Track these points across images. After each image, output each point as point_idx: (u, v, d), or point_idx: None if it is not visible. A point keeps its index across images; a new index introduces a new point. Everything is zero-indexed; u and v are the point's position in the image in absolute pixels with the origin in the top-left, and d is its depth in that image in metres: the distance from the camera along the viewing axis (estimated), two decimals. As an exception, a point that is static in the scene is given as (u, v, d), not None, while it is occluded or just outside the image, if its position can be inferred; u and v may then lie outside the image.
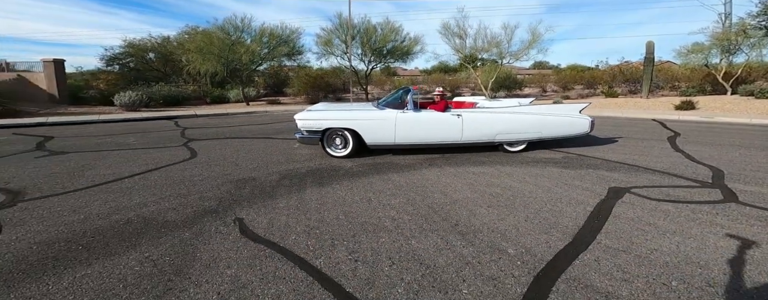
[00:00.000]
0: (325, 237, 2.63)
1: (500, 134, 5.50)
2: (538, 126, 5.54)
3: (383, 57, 17.96)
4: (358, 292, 1.95)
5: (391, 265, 2.25)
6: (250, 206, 3.27)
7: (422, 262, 2.27)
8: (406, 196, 3.54)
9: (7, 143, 6.42)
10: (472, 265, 2.25)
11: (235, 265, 2.23)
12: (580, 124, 5.62)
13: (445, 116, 5.39)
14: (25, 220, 2.76)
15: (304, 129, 5.34)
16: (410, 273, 2.15)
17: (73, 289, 1.89)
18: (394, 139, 5.34)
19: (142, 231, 2.67)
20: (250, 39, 15.77)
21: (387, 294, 1.93)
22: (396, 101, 5.70)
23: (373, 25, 17.28)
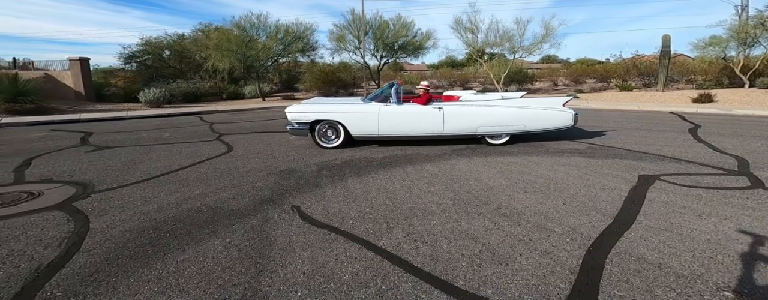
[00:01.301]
0: (380, 221, 2.84)
1: (482, 127, 5.56)
2: (520, 119, 5.57)
3: (394, 52, 18.00)
4: (426, 267, 2.15)
5: (449, 243, 2.46)
6: (300, 195, 3.48)
7: (477, 240, 2.48)
8: (443, 184, 3.74)
9: (49, 139, 6.69)
10: (524, 242, 2.45)
11: (309, 247, 2.43)
12: (563, 117, 5.62)
13: (427, 109, 5.51)
14: (106, 210, 2.98)
15: (294, 121, 5.60)
16: (468, 249, 2.36)
17: (179, 272, 2.08)
18: (378, 131, 5.52)
19: (213, 219, 2.88)
20: (266, 35, 15.95)
21: (452, 267, 2.14)
22: (382, 95, 5.84)
23: (386, 21, 17.34)
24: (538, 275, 2.04)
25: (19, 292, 1.76)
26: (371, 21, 17.26)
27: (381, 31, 16.99)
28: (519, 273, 2.07)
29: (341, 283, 1.99)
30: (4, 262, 2.06)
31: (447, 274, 2.06)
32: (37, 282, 1.87)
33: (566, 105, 5.77)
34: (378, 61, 18.40)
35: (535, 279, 2.00)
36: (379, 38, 17.11)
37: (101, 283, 1.91)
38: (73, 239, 2.40)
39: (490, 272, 2.08)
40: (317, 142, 5.61)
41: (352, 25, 17.24)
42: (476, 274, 2.06)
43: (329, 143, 5.60)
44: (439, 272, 2.09)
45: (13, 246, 2.26)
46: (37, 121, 8.85)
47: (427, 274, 2.07)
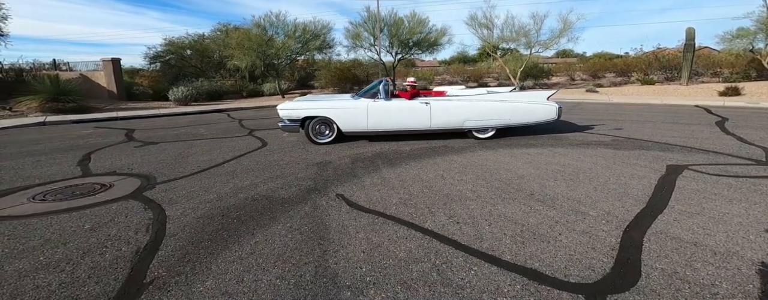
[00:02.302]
0: (421, 206, 3.04)
1: (468, 121, 5.66)
2: (505, 113, 5.65)
3: (409, 49, 17.96)
4: (473, 244, 2.36)
5: (490, 224, 2.65)
6: (341, 184, 3.69)
7: (516, 222, 2.66)
8: (474, 173, 3.91)
9: (97, 136, 7.06)
10: (561, 223, 2.62)
11: (362, 230, 2.64)
12: (546, 110, 5.71)
13: (414, 104, 5.61)
14: (174, 200, 3.22)
15: (286, 118, 5.70)
16: (510, 229, 2.55)
17: (257, 253, 2.29)
18: (367, 127, 5.62)
19: (270, 207, 3.09)
20: (284, 34, 16.19)
21: (497, 245, 2.34)
22: (371, 92, 5.87)
23: (401, 18, 17.25)
24: (579, 251, 2.23)
25: (130, 273, 1.99)
26: (386, 18, 17.24)
27: (396, 28, 16.95)
28: (561, 249, 2.26)
29: (398, 260, 2.20)
30: (106, 246, 2.30)
31: (494, 251, 2.28)
32: (142, 263, 2.11)
33: (551, 99, 5.86)
34: (393, 58, 18.42)
35: (577, 254, 2.20)
36: (394, 35, 17.08)
37: (195, 263, 2.14)
38: (157, 225, 2.64)
39: (534, 248, 2.28)
40: (310, 138, 5.70)
41: (367, 23, 17.26)
42: (521, 250, 2.27)
43: (322, 139, 5.70)
44: (486, 249, 2.31)
45: (108, 231, 2.51)
46: (81, 119, 9.30)
47: (475, 251, 2.29)
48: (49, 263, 2.05)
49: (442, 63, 35.12)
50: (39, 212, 2.87)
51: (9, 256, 2.12)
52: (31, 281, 1.85)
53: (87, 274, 1.94)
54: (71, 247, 2.26)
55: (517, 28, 16.37)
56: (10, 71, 13.86)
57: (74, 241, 2.34)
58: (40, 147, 5.78)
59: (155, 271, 2.03)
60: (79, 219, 2.72)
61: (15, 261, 2.06)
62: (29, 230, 2.50)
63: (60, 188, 3.51)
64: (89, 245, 2.30)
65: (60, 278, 1.89)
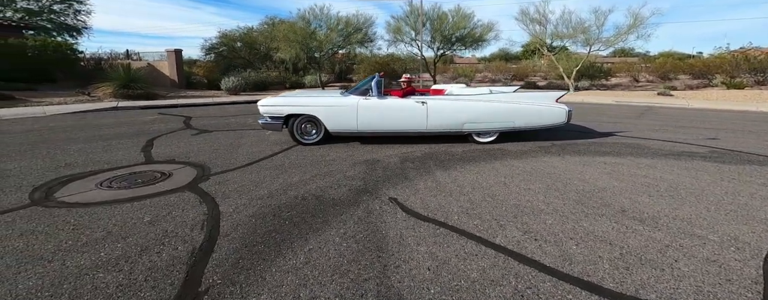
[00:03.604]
0: (487, 218, 2.66)
1: (468, 123, 5.08)
2: (509, 115, 5.05)
3: (452, 44, 17.10)
4: (561, 267, 1.95)
5: (577, 244, 2.22)
6: (393, 187, 3.37)
7: (611, 243, 2.21)
8: (543, 182, 3.43)
9: (160, 122, 7.32)
10: (673, 247, 2.14)
11: (423, 242, 2.31)
12: (555, 113, 5.12)
13: (409, 103, 4.99)
14: (227, 194, 3.08)
15: (267, 114, 5.11)
16: (605, 251, 2.11)
17: (311, 264, 2.05)
18: (357, 127, 5.01)
19: (321, 208, 2.85)
20: (327, 27, 16.13)
21: (593, 269, 1.91)
22: (362, 88, 5.29)
23: (445, 12, 16.44)
24: (710, 283, 1.79)
25: (185, 278, 1.82)
26: (429, 12, 16.49)
27: (440, 23, 16.15)
28: (683, 279, 1.82)
29: (472, 281, 1.87)
30: (163, 244, 2.17)
31: (590, 276, 1.88)
32: (197, 267, 1.93)
33: (560, 100, 5.25)
34: (434, 53, 17.68)
35: (707, 286, 1.76)
36: (437, 30, 16.31)
37: (249, 271, 1.93)
38: (211, 223, 2.48)
39: (645, 276, 1.86)
40: (295, 138, 5.11)
41: (409, 17, 16.64)
42: (627, 278, 1.85)
43: (308, 139, 5.13)
44: (579, 273, 1.90)
45: (165, 227, 2.39)
46: (147, 106, 9.85)
47: (565, 275, 1.90)
48: (108, 260, 1.93)
49: (481, 60, 33.32)
50: (105, 200, 2.83)
51: (72, 250, 2.03)
52: (90, 281, 1.73)
53: (144, 277, 1.80)
54: (130, 243, 2.15)
55: (575, 24, 14.87)
56: (90, 60, 15.11)
57: (133, 236, 2.23)
58: (111, 131, 6.08)
59: (210, 278, 1.85)
60: (140, 210, 2.64)
61: (77, 255, 1.97)
62: (94, 220, 2.44)
63: (125, 175, 3.51)
64: (147, 241, 2.18)
65: (118, 279, 1.76)
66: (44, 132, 5.80)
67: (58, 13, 18.80)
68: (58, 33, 18.58)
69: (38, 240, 2.12)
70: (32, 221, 2.39)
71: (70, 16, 19.17)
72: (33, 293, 1.63)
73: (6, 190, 2.99)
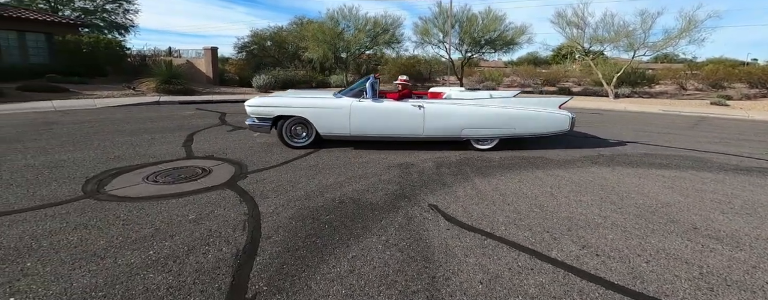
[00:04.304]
0: (538, 230, 2.48)
1: (467, 129, 4.79)
2: (510, 121, 4.78)
3: (481, 47, 16.56)
4: (632, 285, 1.78)
5: (647, 262, 2.02)
6: (431, 193, 3.21)
7: (688, 262, 2.00)
8: (595, 194, 3.17)
9: (198, 117, 7.52)
10: (762, 269, 1.90)
11: (471, 253, 2.17)
12: (558, 120, 4.85)
13: (405, 107, 4.69)
14: (265, 194, 3.04)
15: (254, 115, 4.78)
16: (681, 271, 1.91)
17: (356, 272, 1.95)
18: (349, 130, 4.72)
19: (359, 213, 2.74)
20: (355, 27, 16.14)
21: (671, 289, 1.73)
22: (356, 90, 5.00)
23: (474, 14, 15.92)
24: None
25: (232, 282, 1.76)
26: (458, 14, 16.03)
27: (469, 25, 15.64)
28: None
29: (531, 297, 1.71)
30: (208, 244, 2.12)
31: (668, 296, 1.70)
32: (242, 271, 1.87)
33: (563, 107, 4.98)
34: (462, 55, 17.23)
35: None
36: (467, 32, 15.81)
37: (294, 279, 1.84)
38: (252, 223, 2.43)
39: (735, 299, 1.68)
40: (284, 141, 4.78)
41: (437, 19, 16.28)
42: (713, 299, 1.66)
43: (298, 142, 4.81)
44: (655, 292, 1.73)
45: (209, 226, 2.35)
46: (185, 101, 10.21)
47: (638, 294, 1.73)
48: (157, 260, 1.90)
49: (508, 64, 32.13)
50: (151, 195, 2.85)
51: (122, 247, 2.02)
52: (142, 281, 1.69)
53: (192, 279, 1.74)
54: (177, 242, 2.11)
55: (618, 28, 13.85)
56: (136, 57, 15.93)
57: (180, 235, 2.20)
58: (154, 125, 6.29)
59: (256, 284, 1.77)
60: (184, 207, 2.63)
61: (127, 253, 1.95)
62: (142, 216, 2.44)
63: (169, 170, 3.55)
64: (193, 241, 2.14)
65: (167, 280, 1.71)
66: (95, 124, 6.09)
67: (110, 12, 19.96)
68: (108, 31, 19.74)
69: (91, 235, 2.13)
70: (85, 214, 2.42)
71: (119, 15, 20.32)
72: (87, 292, 1.60)
73: (60, 181, 3.09)
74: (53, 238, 2.06)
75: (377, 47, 17.37)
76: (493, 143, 4.96)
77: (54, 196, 2.72)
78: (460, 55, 17.30)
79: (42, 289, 1.60)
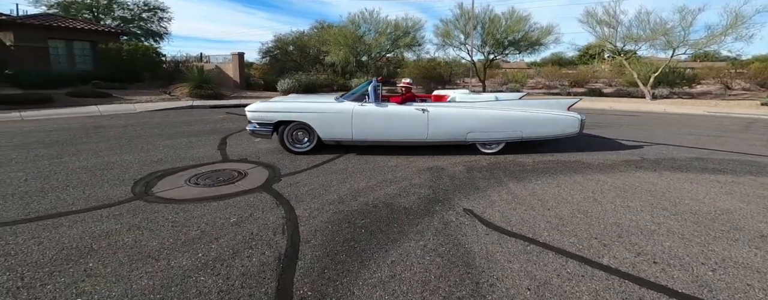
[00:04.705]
0: (584, 236, 2.38)
1: (472, 133, 4.66)
2: (516, 124, 4.64)
3: (504, 48, 16.14)
4: (700, 294, 1.69)
5: (713, 270, 1.90)
6: (465, 197, 3.14)
7: (759, 271, 1.91)
8: (644, 200, 3.01)
9: (228, 121, 7.80)
10: None
11: (515, 259, 2.10)
12: (567, 122, 4.70)
13: (409, 110, 4.57)
14: (300, 197, 3.08)
15: (255, 120, 4.73)
16: (754, 280, 1.80)
17: (397, 278, 1.93)
18: (351, 135, 4.62)
19: (394, 217, 2.71)
20: (375, 31, 16.24)
21: (744, 297, 1.64)
22: (358, 94, 4.88)
23: (497, 15, 15.56)
24: None
25: (277, 287, 1.78)
26: (480, 15, 15.72)
27: (492, 26, 15.28)
28: None
29: None
30: (251, 247, 2.17)
31: None
32: (286, 275, 1.89)
33: (571, 108, 4.84)
34: (484, 57, 16.86)
35: None
36: (489, 33, 15.46)
37: (337, 284, 1.84)
38: (291, 227, 2.46)
39: None
40: (285, 146, 4.70)
41: (458, 20, 16.03)
42: None
43: (300, 147, 4.73)
44: None
45: (250, 228, 2.41)
46: (216, 105, 10.62)
47: None
48: (206, 262, 1.96)
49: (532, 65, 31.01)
50: (195, 197, 2.96)
51: (173, 249, 2.10)
52: (194, 284, 1.74)
53: (240, 283, 1.78)
54: (223, 244, 2.17)
55: (654, 25, 13.06)
56: (170, 63, 16.84)
57: (224, 237, 2.26)
58: (190, 129, 6.57)
59: (300, 289, 1.78)
60: (225, 209, 2.71)
61: (179, 254, 2.03)
62: (188, 218, 2.53)
63: (207, 172, 3.68)
64: (237, 244, 2.19)
65: (217, 284, 1.76)
66: (137, 127, 6.45)
67: (146, 20, 21.15)
68: (145, 38, 20.91)
69: (144, 236, 2.23)
70: (136, 216, 2.55)
71: (154, 23, 21.48)
72: (146, 294, 1.67)
73: (112, 183, 3.28)
74: (110, 239, 2.17)
75: (398, 50, 17.36)
76: (499, 147, 4.86)
77: (107, 198, 2.89)
78: (482, 56, 16.94)
79: (105, 291, 1.68)
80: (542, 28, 15.86)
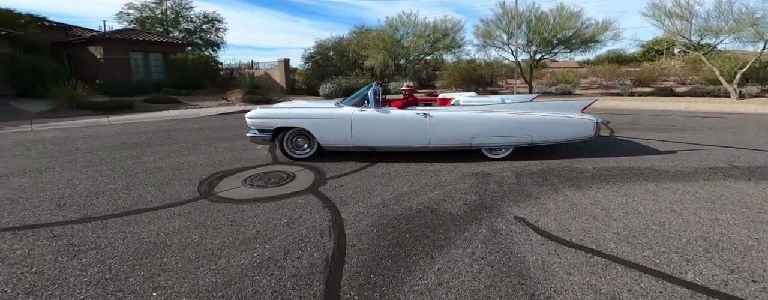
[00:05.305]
0: (661, 249, 2.14)
1: (477, 137, 4.45)
2: (525, 128, 4.42)
3: (553, 47, 14.91)
4: None
5: None
6: (516, 204, 2.97)
7: None
8: (737, 213, 2.65)
9: None
10: None
11: (576, 272, 1.95)
12: (581, 125, 4.43)
13: (410, 115, 4.42)
14: (345, 200, 3.15)
15: (255, 127, 4.66)
16: None
17: (445, 286, 1.88)
18: (351, 141, 4.49)
19: (440, 223, 2.66)
20: (413, 34, 16.14)
21: None
22: (358, 98, 4.72)
23: (544, 12, 14.43)
24: None
25: (325, 290, 1.83)
26: (524, 13, 14.66)
27: (539, 24, 14.19)
28: None
29: None
30: (301, 249, 2.27)
31: None
32: (333, 278, 1.94)
33: (586, 110, 4.58)
34: (531, 57, 15.75)
35: None
36: (536, 32, 14.37)
37: (383, 289, 1.84)
38: (337, 230, 2.53)
39: None
40: (285, 152, 4.65)
41: (501, 20, 15.15)
42: None
43: (300, 154, 4.67)
44: None
45: (300, 230, 2.52)
46: (265, 109, 11.53)
47: None
48: (261, 262, 2.09)
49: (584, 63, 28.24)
50: (250, 198, 3.18)
51: (233, 247, 2.26)
52: (250, 283, 1.86)
53: (291, 284, 1.87)
54: (275, 245, 2.30)
55: (738, 15, 11.15)
56: (226, 70, 18.44)
57: (277, 238, 2.39)
58: (245, 132, 7.11)
59: (347, 293, 1.81)
60: (277, 210, 2.86)
61: (237, 253, 2.18)
62: (245, 217, 2.72)
63: (260, 174, 3.93)
64: (288, 245, 2.31)
65: (271, 284, 1.86)
66: (201, 131, 7.13)
67: (206, 32, 23.34)
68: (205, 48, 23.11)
69: (208, 234, 2.45)
70: (202, 214, 2.80)
71: (212, 34, 23.62)
72: (209, 291, 1.82)
73: (182, 182, 3.65)
74: (181, 236, 2.42)
75: (437, 52, 17.04)
76: (507, 152, 4.64)
77: (178, 196, 3.22)
78: (527, 56, 15.86)
79: (177, 285, 1.86)
80: (597, 24, 14.36)
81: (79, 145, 5.55)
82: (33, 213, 2.82)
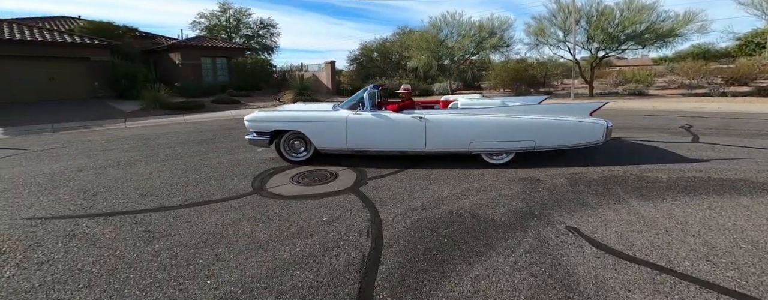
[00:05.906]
0: (751, 271, 1.88)
1: (476, 142, 4.27)
2: (527, 132, 4.20)
3: (620, 43, 13.16)
4: None
5: None
6: (569, 214, 2.73)
7: None
8: None
9: None
10: None
11: (636, 289, 1.77)
12: (589, 129, 4.16)
13: (405, 119, 4.32)
14: (385, 201, 3.19)
15: (253, 130, 4.72)
16: None
17: (481, 294, 1.83)
18: (346, 145, 4.47)
19: (481, 229, 2.56)
20: (458, 34, 15.65)
21: None
22: (355, 101, 4.69)
23: (609, 6, 12.80)
24: None
25: (359, 289, 1.89)
26: (584, 8, 13.15)
27: (602, 19, 12.63)
28: None
29: None
30: (339, 247, 2.36)
31: None
32: (368, 278, 1.99)
33: (595, 113, 4.38)
34: (592, 55, 14.11)
35: None
36: (598, 27, 12.81)
37: (416, 292, 1.84)
38: (375, 230, 2.57)
39: None
40: (282, 156, 4.67)
41: (555, 16, 13.79)
42: None
43: (297, 156, 4.67)
44: None
45: (339, 228, 2.62)
46: (314, 108, 12.16)
47: None
48: (301, 258, 2.22)
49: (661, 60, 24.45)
50: (296, 195, 3.38)
51: (278, 241, 2.44)
52: (290, 278, 1.99)
53: (327, 281, 1.96)
54: (316, 241, 2.42)
55: None
56: (279, 72, 19.84)
57: (318, 235, 2.52)
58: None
59: (380, 294, 1.83)
60: (319, 208, 3.01)
61: (282, 247, 2.35)
62: (291, 213, 2.90)
63: (306, 172, 4.16)
64: (328, 242, 2.41)
65: (309, 279, 1.97)
66: (255, 130, 7.78)
67: (262, 37, 25.30)
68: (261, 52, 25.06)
69: (258, 227, 2.66)
70: (254, 208, 3.06)
71: (267, 38, 25.52)
72: (254, 282, 1.98)
73: (240, 177, 4.02)
74: (235, 228, 2.67)
75: (483, 52, 16.26)
76: (508, 158, 4.41)
77: (235, 190, 3.56)
78: (587, 54, 14.29)
79: (227, 275, 2.06)
80: (678, 17, 12.29)
81: (160, 141, 6.41)
82: (122, 201, 3.33)
